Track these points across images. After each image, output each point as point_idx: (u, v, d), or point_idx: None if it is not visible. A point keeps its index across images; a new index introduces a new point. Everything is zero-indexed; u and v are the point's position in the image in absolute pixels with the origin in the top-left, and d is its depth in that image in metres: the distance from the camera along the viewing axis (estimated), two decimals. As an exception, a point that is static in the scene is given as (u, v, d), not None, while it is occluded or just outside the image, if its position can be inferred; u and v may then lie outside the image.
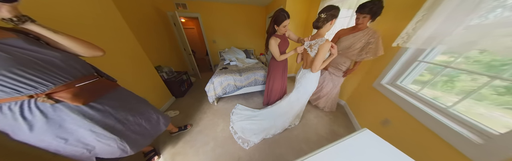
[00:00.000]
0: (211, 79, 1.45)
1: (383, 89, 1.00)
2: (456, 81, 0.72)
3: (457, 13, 0.57)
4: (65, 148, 0.52)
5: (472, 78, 0.64)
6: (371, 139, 0.48)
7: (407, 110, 0.77)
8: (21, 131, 0.43)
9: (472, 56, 0.65)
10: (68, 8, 0.76)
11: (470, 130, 0.54)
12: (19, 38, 0.39)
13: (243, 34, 2.98)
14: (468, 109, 0.62)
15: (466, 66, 0.66)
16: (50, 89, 0.43)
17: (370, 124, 1.08)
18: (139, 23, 1.54)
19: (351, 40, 1.01)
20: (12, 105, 0.41)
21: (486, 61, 0.62)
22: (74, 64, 0.48)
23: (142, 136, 0.69)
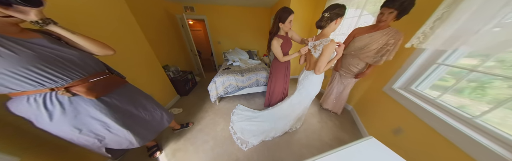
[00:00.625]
0: (214, 79, 1.47)
1: (395, 94, 0.91)
2: (489, 88, 0.61)
3: (485, 8, 0.50)
4: (79, 138, 0.57)
5: (508, 85, 0.55)
6: (377, 149, 0.43)
7: (423, 119, 0.69)
8: (43, 120, 0.49)
9: (508, 59, 0.55)
10: (87, 13, 0.83)
11: (500, 144, 0.46)
12: (44, 38, 0.45)
13: (247, 35, 3.03)
14: (503, 121, 0.53)
15: (501, 71, 0.56)
16: (68, 83, 0.48)
17: (380, 132, 0.98)
18: (150, 26, 1.64)
19: (366, 41, 0.91)
20: (37, 97, 0.46)
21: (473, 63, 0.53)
22: (89, 61, 0.54)
23: (146, 130, 0.74)
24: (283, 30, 0.99)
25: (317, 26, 0.75)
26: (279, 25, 0.93)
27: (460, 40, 0.56)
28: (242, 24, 2.83)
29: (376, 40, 0.88)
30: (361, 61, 1.02)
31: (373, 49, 0.91)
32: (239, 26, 2.84)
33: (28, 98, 0.46)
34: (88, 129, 0.56)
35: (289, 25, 0.93)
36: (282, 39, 0.99)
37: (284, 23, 0.90)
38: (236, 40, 3.01)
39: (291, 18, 0.89)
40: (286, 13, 0.86)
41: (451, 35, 0.59)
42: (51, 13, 0.53)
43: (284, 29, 0.97)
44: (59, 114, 0.49)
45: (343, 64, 1.14)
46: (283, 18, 0.89)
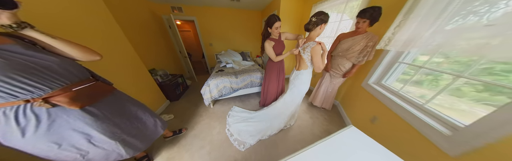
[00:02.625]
0: (207, 82, 1.45)
1: (370, 89, 1.06)
2: (440, 80, 0.77)
3: (427, 19, 0.65)
4: (58, 154, 0.50)
5: (453, 77, 0.70)
6: (356, 135, 0.51)
7: (390, 107, 0.84)
8: (13, 137, 0.42)
9: (452, 56, 0.71)
10: (58, 13, 0.75)
11: (441, 123, 0.61)
12: (17, 44, 0.39)
13: (239, 37, 3.04)
14: (451, 106, 0.67)
15: (447, 65, 0.71)
16: (47, 93, 0.42)
17: (361, 121, 1.13)
18: (133, 27, 1.56)
19: (350, 43, 1.06)
20: (8, 110, 0.40)
21: (464, 61, 0.67)
22: (70, 68, 0.48)
23: (138, 140, 0.70)
24: (273, 34, 1.07)
25: (305, 29, 0.84)
26: (268, 29, 1.02)
27: (412, 43, 0.71)
28: (234, 26, 2.85)
29: (358, 43, 1.03)
30: (348, 61, 1.16)
31: (356, 50, 1.06)
32: (231, 28, 2.85)
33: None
34: (69, 143, 0.50)
35: (276, 31, 1.02)
36: (273, 41, 1.07)
37: (272, 28, 1.00)
38: (228, 42, 3.01)
39: (277, 25, 0.97)
40: (272, 19, 0.95)
41: (406, 39, 0.74)
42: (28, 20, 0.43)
43: (272, 34, 1.06)
44: (33, 129, 0.43)
45: (333, 64, 1.27)
46: (270, 23, 0.98)
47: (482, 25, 0.48)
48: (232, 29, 2.88)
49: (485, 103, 0.56)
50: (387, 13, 0.91)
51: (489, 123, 0.45)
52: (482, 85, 0.58)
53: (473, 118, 0.50)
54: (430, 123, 0.62)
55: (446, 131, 0.56)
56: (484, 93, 0.58)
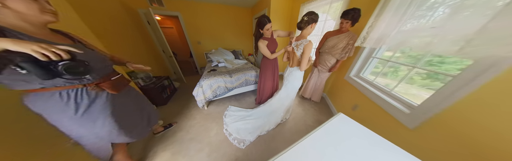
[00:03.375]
0: (199, 83, 1.39)
1: (351, 81, 1.23)
2: (399, 71, 0.96)
3: (392, 21, 0.79)
4: (91, 133, 0.60)
5: (407, 68, 0.89)
6: (345, 121, 0.58)
7: (367, 95, 1.00)
8: (67, 114, 0.52)
9: (406, 52, 0.90)
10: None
11: (406, 105, 0.77)
12: (76, 44, 0.56)
13: (230, 34, 2.97)
14: (406, 91, 0.85)
15: (403, 59, 0.90)
16: (96, 80, 0.56)
17: (345, 109, 1.30)
18: (103, 23, 1.35)
19: (335, 41, 1.19)
20: (70, 91, 0.50)
21: (414, 55, 0.86)
22: (108, 63, 0.64)
23: (141, 127, 0.81)
24: (265, 34, 1.10)
25: (297, 27, 0.90)
26: (260, 31, 1.06)
27: (382, 41, 0.86)
28: (224, 23, 2.76)
29: (342, 40, 1.16)
30: (333, 57, 1.29)
31: (340, 48, 1.19)
32: (221, 25, 2.75)
33: (61, 93, 0.49)
34: (103, 123, 0.60)
35: (267, 32, 1.06)
36: (266, 40, 1.11)
37: (263, 30, 1.04)
38: (218, 40, 2.93)
39: (268, 27, 1.01)
40: (263, 21, 0.99)
41: (377, 38, 0.88)
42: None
43: (265, 34, 1.10)
44: (84, 108, 0.54)
45: (321, 60, 1.40)
46: (261, 26, 1.01)
47: (429, 27, 0.63)
48: (222, 27, 2.79)
49: (428, 88, 0.74)
50: (363, 15, 1.05)
51: (431, 102, 0.60)
52: (425, 74, 0.76)
53: (421, 99, 0.66)
54: (395, 105, 0.77)
55: (406, 110, 0.72)
56: (427, 80, 0.77)
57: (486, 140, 0.45)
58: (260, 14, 2.39)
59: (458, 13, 0.51)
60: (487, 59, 0.44)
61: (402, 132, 0.72)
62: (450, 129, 0.54)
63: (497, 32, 0.41)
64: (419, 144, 0.63)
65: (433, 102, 0.59)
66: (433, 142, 0.59)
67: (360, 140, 0.49)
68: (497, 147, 0.42)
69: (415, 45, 0.66)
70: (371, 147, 0.47)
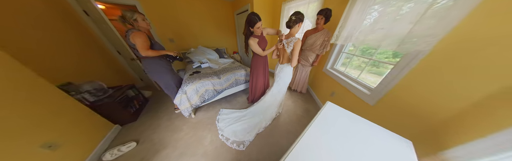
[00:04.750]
0: (182, 89, 1.21)
1: (328, 72, 1.47)
2: (353, 61, 1.24)
3: (356, 23, 0.99)
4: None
5: (362, 61, 1.15)
6: (333, 108, 0.71)
7: (340, 83, 1.23)
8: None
9: (359, 47, 1.16)
10: None
11: (366, 88, 1.01)
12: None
13: (210, 31, 2.71)
14: (365, 77, 1.11)
15: (358, 52, 1.17)
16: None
17: (324, 97, 1.56)
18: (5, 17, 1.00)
19: (313, 39, 1.36)
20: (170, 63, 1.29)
21: (365, 49, 1.12)
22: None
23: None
24: (255, 33, 1.09)
25: (287, 26, 0.96)
26: (250, 28, 1.04)
27: (349, 39, 1.06)
28: (201, 18, 2.47)
29: (319, 38, 1.34)
30: (313, 53, 1.48)
31: (318, 44, 1.38)
32: (197, 20, 2.44)
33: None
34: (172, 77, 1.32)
35: (258, 30, 1.05)
36: (257, 38, 1.10)
37: (253, 28, 1.02)
38: (197, 37, 2.63)
39: (258, 25, 1.00)
40: (253, 20, 0.97)
41: (346, 36, 1.09)
42: None
43: (255, 33, 1.09)
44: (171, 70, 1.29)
45: (303, 56, 1.57)
46: (252, 24, 1.00)
47: (379, 28, 0.84)
48: (199, 22, 2.48)
49: (372, 73, 1.00)
50: (335, 16, 1.25)
51: (382, 85, 0.83)
52: (372, 64, 1.03)
53: (376, 82, 0.90)
54: (360, 88, 1.01)
55: (367, 92, 0.96)
56: (369, 67, 1.05)
57: (417, 103, 0.69)
58: (242, 10, 2.31)
59: (396, 20, 0.72)
60: (413, 52, 0.66)
61: (367, 109, 0.96)
62: (395, 101, 0.78)
63: (417, 34, 0.62)
64: (379, 115, 0.88)
65: (383, 85, 0.83)
66: (386, 112, 0.84)
67: (343, 118, 0.65)
68: (422, 107, 0.66)
69: (372, 42, 0.87)
70: (351, 123, 0.62)
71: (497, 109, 0.40)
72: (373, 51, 1.06)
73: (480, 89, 0.45)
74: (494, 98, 0.42)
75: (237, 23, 2.76)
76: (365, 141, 0.52)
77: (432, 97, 0.60)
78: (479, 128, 0.43)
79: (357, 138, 0.54)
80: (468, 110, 0.47)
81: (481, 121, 0.43)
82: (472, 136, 0.43)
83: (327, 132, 0.56)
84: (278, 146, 1.07)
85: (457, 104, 0.51)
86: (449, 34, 0.53)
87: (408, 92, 0.70)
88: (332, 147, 0.49)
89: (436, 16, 0.55)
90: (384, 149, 0.50)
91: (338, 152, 0.47)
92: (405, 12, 0.70)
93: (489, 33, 0.45)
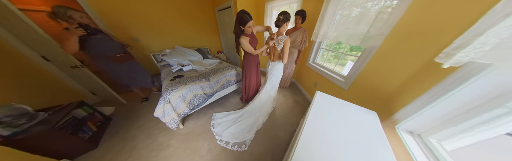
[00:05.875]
0: (164, 97, 1.07)
1: (310, 66, 1.69)
2: (324, 55, 1.51)
3: (329, 23, 1.21)
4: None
5: (330, 55, 1.41)
6: (323, 96, 0.84)
7: (321, 74, 1.47)
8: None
9: (331, 43, 1.41)
10: None
11: (341, 76, 1.25)
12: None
13: (188, 29, 2.41)
14: (339, 69, 1.37)
15: (326, 47, 1.43)
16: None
17: (310, 88, 1.79)
18: None
19: (294, 37, 1.54)
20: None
21: (332, 45, 1.37)
22: (116, 49, 1.34)
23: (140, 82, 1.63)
24: (246, 31, 1.09)
25: (275, 25, 1.03)
26: (240, 27, 1.03)
27: (326, 37, 1.28)
28: (178, 14, 2.18)
29: (299, 36, 1.53)
30: (296, 49, 1.66)
31: (299, 41, 1.56)
32: (172, 17, 2.15)
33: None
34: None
35: (249, 29, 1.05)
36: (248, 37, 1.11)
37: (245, 27, 1.02)
38: (171, 36, 2.29)
39: (250, 24, 1.01)
40: (244, 18, 0.97)
41: (323, 34, 1.30)
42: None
43: (246, 31, 1.09)
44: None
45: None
46: (242, 23, 0.99)
47: (346, 28, 1.06)
48: (176, 19, 2.19)
49: (339, 64, 1.26)
50: (312, 17, 1.45)
51: (351, 73, 1.07)
52: (338, 57, 1.29)
53: (346, 71, 1.14)
54: (336, 77, 1.25)
55: (341, 79, 1.20)
56: (343, 60, 1.31)
57: (376, 82, 0.93)
58: (224, 6, 2.19)
59: (359, 22, 0.94)
60: (370, 46, 0.89)
61: (343, 93, 1.20)
62: (362, 84, 1.02)
63: (372, 33, 0.84)
64: (352, 96, 1.12)
65: (352, 72, 1.06)
66: (357, 92, 1.08)
67: (330, 103, 0.80)
68: (380, 85, 0.90)
69: (343, 40, 1.10)
70: (338, 105, 0.80)
71: (425, 76, 0.62)
72: (337, 47, 1.33)
73: (412, 65, 0.67)
74: (421, 70, 0.65)
75: (220, 20, 2.62)
76: (349, 117, 0.70)
77: (385, 76, 0.84)
78: (415, 91, 0.64)
79: (342, 115, 0.71)
80: (407, 80, 0.71)
81: (416, 87, 0.65)
82: (411, 98, 0.65)
83: (323, 115, 0.69)
84: (278, 139, 1.13)
85: (399, 78, 0.74)
86: (390, 32, 0.76)
87: (370, 75, 0.94)
88: (329, 126, 0.61)
89: (382, 20, 0.77)
90: (360, 121, 0.67)
91: (333, 128, 0.62)
92: (355, 15, 0.93)
93: (413, 29, 0.68)
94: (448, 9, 0.54)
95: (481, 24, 0.37)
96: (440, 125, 0.54)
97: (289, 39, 1.03)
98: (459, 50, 0.41)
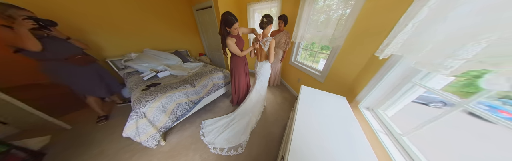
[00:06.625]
0: (137, 111, 0.89)
1: (293, 64, 1.91)
2: (302, 54, 1.75)
3: (305, 27, 1.42)
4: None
5: (310, 54, 1.66)
6: (308, 89, 0.98)
7: (302, 71, 1.68)
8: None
9: (308, 44, 1.66)
10: None
11: (317, 72, 1.48)
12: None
13: (160, 29, 2.14)
14: (317, 66, 1.62)
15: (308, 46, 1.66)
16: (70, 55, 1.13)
17: (294, 84, 2.00)
18: None
19: (278, 38, 1.71)
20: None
21: (306, 45, 1.63)
22: (75, 50, 1.18)
23: (99, 90, 1.35)
24: (232, 33, 1.09)
25: (260, 27, 1.09)
26: (226, 29, 1.03)
27: (303, 38, 1.49)
28: (146, 11, 1.91)
29: (282, 37, 1.71)
30: (280, 49, 1.84)
31: (283, 42, 1.74)
32: (136, 14, 1.85)
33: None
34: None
35: (235, 31, 1.06)
36: (234, 38, 1.12)
37: (231, 29, 1.02)
38: (138, 37, 1.97)
39: (236, 26, 1.02)
40: (230, 20, 0.98)
41: (300, 36, 1.51)
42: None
43: (232, 33, 1.09)
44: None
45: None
46: (228, 24, 0.99)
47: (317, 31, 1.29)
48: (141, 16, 1.88)
49: (315, 61, 1.51)
50: (292, 20, 1.65)
51: (325, 68, 1.29)
52: (313, 55, 1.54)
53: (321, 67, 1.37)
54: (314, 72, 1.47)
55: (318, 74, 1.42)
56: (317, 58, 1.56)
57: (343, 73, 1.16)
58: (203, 6, 2.10)
59: (326, 25, 1.16)
60: (336, 46, 1.11)
61: (320, 85, 1.42)
62: (333, 76, 1.25)
63: (336, 36, 1.06)
64: (327, 86, 1.34)
65: (326, 67, 1.29)
66: (330, 83, 1.30)
67: (313, 94, 0.97)
68: (346, 75, 1.13)
69: (316, 41, 1.32)
70: (318, 95, 0.97)
71: (371, 66, 0.85)
72: (311, 46, 1.58)
73: (363, 58, 0.90)
74: (368, 61, 0.88)
75: (199, 20, 2.48)
76: (328, 103, 0.87)
77: (349, 68, 1.07)
78: (366, 78, 0.87)
79: (322, 102, 0.87)
80: (361, 70, 0.94)
81: (366, 74, 0.89)
82: (364, 83, 0.87)
83: (309, 104, 0.85)
84: (273, 135, 1.17)
85: (356, 69, 0.97)
86: (348, 35, 0.99)
87: (339, 68, 1.17)
88: (315, 112, 0.75)
89: (341, 25, 1.00)
90: (336, 104, 0.85)
91: (318, 113, 0.77)
92: (322, 21, 1.16)
93: (362, 32, 0.91)
94: (381, 18, 0.77)
95: (395, 30, 0.58)
96: (383, 99, 0.77)
97: (274, 40, 1.12)
98: (386, 47, 0.62)
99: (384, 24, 0.75)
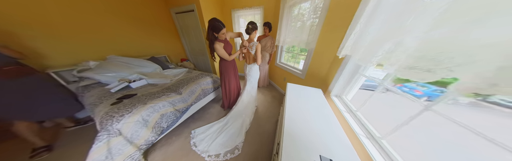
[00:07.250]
0: (108, 128, 0.75)
1: (278, 65, 2.15)
2: (285, 56, 2.02)
3: (285, 32, 1.67)
4: None
5: (292, 55, 1.93)
6: (293, 86, 1.17)
7: (287, 70, 1.92)
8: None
9: (289, 47, 1.94)
10: None
11: (299, 70, 1.73)
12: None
13: (129, 32, 1.88)
14: (298, 65, 1.88)
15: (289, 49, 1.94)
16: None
17: (281, 83, 2.22)
18: None
19: (264, 42, 1.92)
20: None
21: (289, 48, 1.91)
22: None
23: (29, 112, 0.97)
24: (220, 37, 1.12)
25: (246, 32, 1.19)
26: (214, 34, 1.07)
27: (285, 42, 1.74)
28: (109, 12, 1.65)
29: (268, 41, 1.94)
30: (267, 53, 2.05)
31: (269, 46, 1.96)
32: (96, 12, 1.56)
33: None
34: None
35: (223, 36, 1.10)
36: (222, 42, 1.15)
37: (218, 34, 1.06)
38: (100, 42, 1.67)
39: (224, 31, 1.07)
40: (218, 26, 1.02)
41: (282, 40, 1.76)
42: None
43: (220, 38, 1.12)
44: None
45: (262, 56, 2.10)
46: (216, 30, 1.04)
47: (295, 36, 1.54)
48: (101, 15, 1.61)
49: (296, 62, 1.79)
50: (275, 27, 1.90)
51: (304, 66, 1.55)
52: (292, 55, 1.82)
53: (301, 67, 1.63)
54: (296, 71, 1.72)
55: (299, 72, 1.67)
56: (293, 58, 1.85)
57: (317, 70, 1.42)
58: (184, 9, 2.06)
59: (302, 31, 1.43)
60: (311, 49, 1.37)
61: (301, 81, 1.67)
62: (311, 73, 1.50)
63: (310, 40, 1.32)
64: (307, 82, 1.58)
65: (305, 66, 1.54)
66: (309, 79, 1.55)
67: (297, 89, 1.18)
68: (319, 71, 1.39)
69: (295, 43, 1.57)
70: (302, 90, 1.17)
71: (335, 63, 1.11)
72: (292, 49, 1.85)
73: (330, 57, 1.16)
74: (333, 60, 1.14)
75: (179, 24, 2.37)
76: (309, 95, 1.07)
77: (321, 65, 1.33)
78: (333, 72, 1.12)
79: (305, 95, 1.08)
80: (329, 67, 1.20)
81: (332, 70, 1.15)
82: (332, 77, 1.12)
83: (295, 98, 1.04)
84: (267, 132, 1.20)
85: (326, 66, 1.23)
86: (318, 39, 1.26)
87: (314, 66, 1.43)
88: (300, 104, 0.92)
89: (313, 31, 1.26)
90: (314, 96, 1.05)
91: (303, 105, 0.97)
92: (299, 27, 1.42)
93: (327, 37, 1.18)
94: (337, 27, 1.05)
95: (346, 37, 0.83)
96: (344, 88, 1.03)
97: (260, 44, 1.24)
98: (342, 49, 0.86)
99: (340, 32, 1.03)
